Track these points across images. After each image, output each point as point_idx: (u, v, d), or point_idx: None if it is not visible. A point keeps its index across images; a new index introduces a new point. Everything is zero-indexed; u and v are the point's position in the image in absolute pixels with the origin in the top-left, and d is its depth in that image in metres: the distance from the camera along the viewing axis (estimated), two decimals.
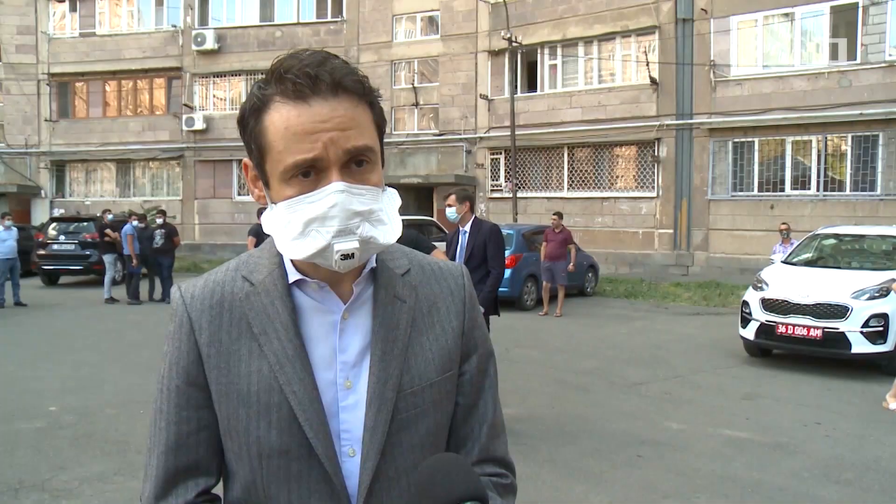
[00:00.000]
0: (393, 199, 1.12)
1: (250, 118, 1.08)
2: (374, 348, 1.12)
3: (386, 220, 1.08)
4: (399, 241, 1.14)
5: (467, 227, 6.27)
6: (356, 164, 1.06)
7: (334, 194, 1.03)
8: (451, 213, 6.36)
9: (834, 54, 17.47)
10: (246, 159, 1.14)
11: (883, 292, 8.28)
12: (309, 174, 1.04)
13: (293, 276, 1.13)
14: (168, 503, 1.12)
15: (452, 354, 1.20)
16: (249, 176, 1.15)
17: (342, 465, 1.10)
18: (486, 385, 1.25)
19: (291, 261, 1.13)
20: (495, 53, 22.17)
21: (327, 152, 1.03)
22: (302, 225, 1.04)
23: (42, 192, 27.47)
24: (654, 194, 20.01)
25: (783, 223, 13.43)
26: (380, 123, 1.11)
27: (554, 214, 13.77)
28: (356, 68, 1.08)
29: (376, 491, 1.11)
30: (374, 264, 1.16)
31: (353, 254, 1.05)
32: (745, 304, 9.16)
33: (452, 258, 6.24)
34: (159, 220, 15.61)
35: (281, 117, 1.04)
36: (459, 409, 1.22)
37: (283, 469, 1.09)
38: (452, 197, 6.36)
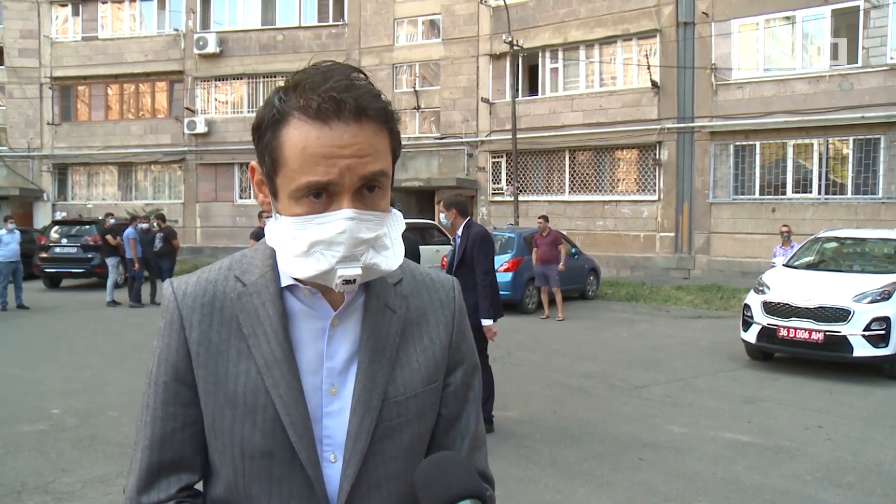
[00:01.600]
0: (397, 221, 1.12)
1: (267, 130, 1.06)
2: (362, 356, 1.13)
3: (389, 244, 1.09)
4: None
5: (460, 232, 6.29)
6: (368, 190, 1.05)
7: (344, 221, 1.03)
8: (443, 218, 6.50)
9: (835, 57, 17.49)
10: (254, 163, 1.13)
11: (885, 295, 8.29)
12: (320, 195, 1.04)
13: (286, 280, 1.13)
14: (150, 497, 1.12)
15: (439, 366, 1.20)
16: (255, 179, 1.14)
17: (324, 470, 1.11)
18: (470, 398, 1.26)
19: None
20: (496, 57, 22.21)
21: (342, 178, 1.02)
22: (307, 245, 1.04)
23: (44, 195, 27.53)
24: (656, 197, 20.02)
25: (784, 225, 13.41)
26: (395, 149, 1.11)
27: (539, 218, 13.74)
28: (380, 93, 1.07)
29: (356, 498, 1.11)
30: None
31: (354, 279, 1.05)
32: (747, 307, 9.16)
33: (452, 264, 6.27)
34: (155, 225, 15.66)
35: (300, 136, 1.02)
36: (442, 420, 1.22)
37: (266, 471, 1.10)
38: (441, 204, 6.52)
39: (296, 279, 1.12)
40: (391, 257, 1.08)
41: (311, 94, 1.02)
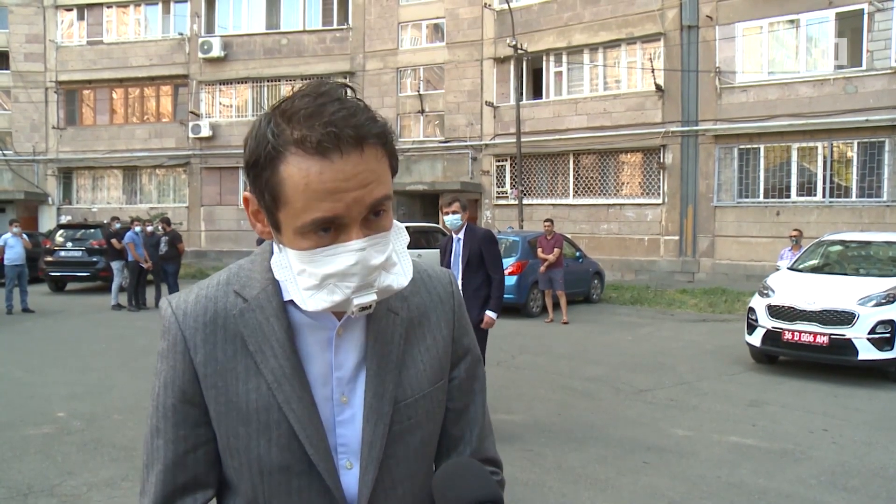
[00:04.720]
0: (401, 235, 1.09)
1: (265, 167, 1.00)
2: (370, 363, 1.14)
3: (397, 259, 1.07)
4: None
5: (461, 235, 6.26)
6: (374, 215, 1.03)
7: (355, 253, 1.00)
8: (455, 219, 6.23)
9: (839, 60, 17.48)
10: (247, 193, 1.08)
11: (890, 299, 8.27)
12: (328, 229, 1.00)
13: (287, 294, 1.11)
14: None
15: (443, 364, 1.22)
16: (251, 210, 1.09)
17: (341, 478, 1.12)
18: (475, 388, 1.28)
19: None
20: (501, 60, 22.23)
21: (349, 211, 0.99)
22: (318, 278, 1.02)
23: (49, 198, 27.63)
24: (660, 201, 20.01)
25: (795, 229, 13.32)
26: (394, 166, 1.07)
27: (545, 221, 14.11)
28: (376, 114, 1.03)
29: (374, 502, 1.14)
30: None
31: (370, 305, 1.04)
32: (751, 310, 9.15)
33: (447, 266, 6.19)
34: (160, 229, 15.66)
35: (300, 172, 0.97)
36: (450, 413, 1.24)
37: (284, 485, 1.11)
38: (457, 204, 6.25)
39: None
40: (401, 273, 1.07)
41: (307, 128, 0.97)
